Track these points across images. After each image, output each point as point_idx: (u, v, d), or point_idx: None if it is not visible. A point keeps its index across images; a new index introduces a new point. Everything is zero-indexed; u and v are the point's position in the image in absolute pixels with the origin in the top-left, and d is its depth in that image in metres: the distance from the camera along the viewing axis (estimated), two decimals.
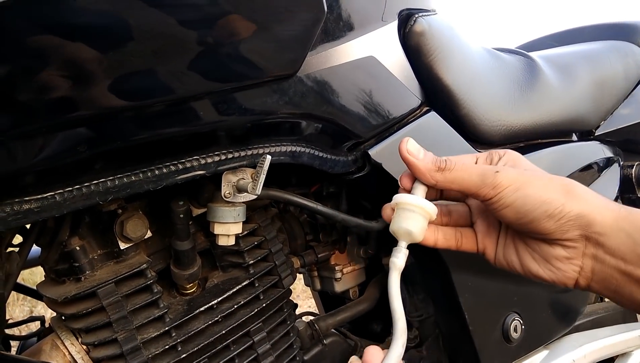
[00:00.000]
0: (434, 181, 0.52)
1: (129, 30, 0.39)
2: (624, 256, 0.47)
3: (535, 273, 0.52)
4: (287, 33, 0.48)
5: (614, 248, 0.47)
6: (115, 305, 0.53)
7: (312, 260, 0.78)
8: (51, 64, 0.36)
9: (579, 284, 0.51)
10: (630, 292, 0.48)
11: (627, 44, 1.12)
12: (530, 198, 0.48)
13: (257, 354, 0.65)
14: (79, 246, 0.53)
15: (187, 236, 0.58)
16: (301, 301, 2.70)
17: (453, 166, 0.52)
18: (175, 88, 0.43)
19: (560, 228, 0.48)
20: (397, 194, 0.54)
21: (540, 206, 0.48)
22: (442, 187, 0.53)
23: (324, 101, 0.57)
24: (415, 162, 0.52)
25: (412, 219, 0.53)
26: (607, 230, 0.47)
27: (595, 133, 1.05)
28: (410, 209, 0.53)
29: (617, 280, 0.48)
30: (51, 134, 0.40)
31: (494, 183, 0.49)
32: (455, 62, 0.75)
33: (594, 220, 0.47)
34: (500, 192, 0.49)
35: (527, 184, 0.49)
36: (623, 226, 0.47)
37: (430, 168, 0.52)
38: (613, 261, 0.48)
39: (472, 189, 0.51)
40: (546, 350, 0.95)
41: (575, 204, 0.48)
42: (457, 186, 0.52)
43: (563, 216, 0.48)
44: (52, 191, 0.43)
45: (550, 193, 0.48)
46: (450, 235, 0.57)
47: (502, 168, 0.51)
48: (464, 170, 0.51)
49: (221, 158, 0.52)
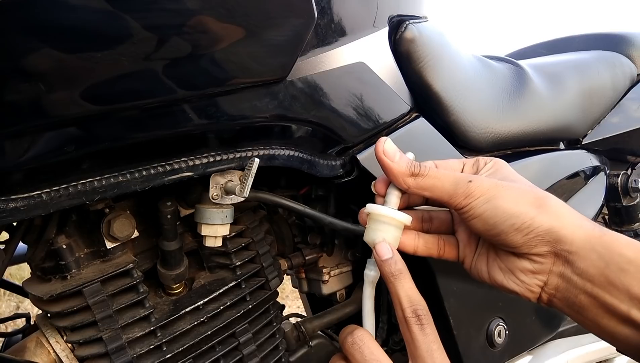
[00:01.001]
0: (406, 186, 0.51)
1: (119, 32, 0.39)
2: (592, 278, 0.45)
3: (500, 283, 0.52)
4: (277, 38, 0.49)
5: (582, 269, 0.46)
6: (100, 304, 0.53)
7: (299, 262, 0.78)
8: (39, 65, 0.36)
9: (542, 299, 0.50)
10: (594, 316, 0.46)
11: (615, 55, 1.14)
12: (499, 209, 0.47)
13: (242, 355, 0.65)
14: (66, 245, 0.53)
15: (174, 237, 0.58)
16: (290, 302, 2.71)
17: (426, 172, 0.51)
18: (164, 90, 0.43)
19: (527, 243, 0.47)
20: (369, 204, 0.54)
21: (508, 219, 0.47)
22: (414, 193, 0.52)
23: (314, 106, 0.58)
24: (389, 164, 0.51)
25: (384, 230, 0.52)
26: (578, 249, 0.46)
27: (583, 142, 1.06)
28: (382, 221, 0.52)
29: (582, 301, 0.47)
30: (39, 134, 0.40)
31: (466, 192, 0.48)
32: (445, 69, 0.76)
33: (564, 237, 0.46)
34: (471, 202, 0.48)
35: (498, 196, 0.48)
36: (595, 246, 0.45)
37: (404, 172, 0.51)
38: (580, 282, 0.46)
39: (444, 197, 0.50)
40: (530, 356, 0.96)
41: (545, 218, 0.46)
42: (428, 194, 0.51)
43: (531, 230, 0.46)
44: (39, 190, 0.43)
45: (521, 206, 0.47)
46: (431, 242, 0.57)
47: (476, 178, 0.50)
48: (437, 178, 0.50)
49: (209, 160, 0.52)
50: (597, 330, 0.48)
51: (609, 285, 0.44)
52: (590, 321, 0.47)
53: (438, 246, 0.56)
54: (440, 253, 0.57)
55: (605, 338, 0.48)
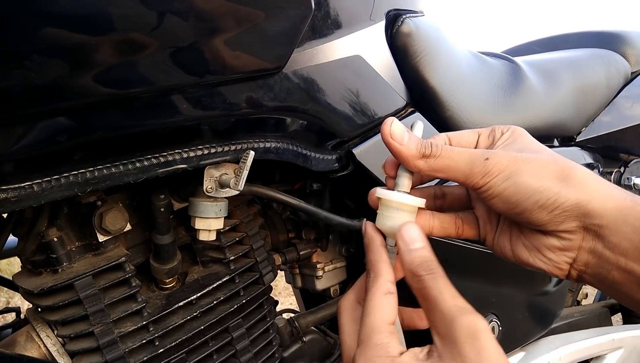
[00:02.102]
0: (417, 169, 0.47)
1: (113, 20, 0.38)
2: (626, 252, 0.42)
3: (526, 261, 0.48)
4: (274, 28, 0.48)
5: (615, 243, 0.42)
6: (92, 298, 0.53)
7: (293, 258, 0.78)
8: (32, 52, 0.36)
9: (571, 275, 0.47)
10: (628, 290, 0.43)
11: (610, 53, 1.14)
12: (520, 186, 0.43)
13: (235, 350, 0.65)
14: (57, 238, 0.52)
15: (167, 231, 0.58)
16: (282, 299, 2.70)
17: (439, 152, 0.46)
18: (159, 79, 0.42)
19: (554, 219, 0.43)
20: (380, 189, 0.50)
21: (532, 196, 0.43)
22: (427, 175, 0.48)
23: (310, 98, 0.57)
24: (398, 147, 0.46)
25: (396, 217, 0.49)
26: (609, 222, 0.42)
27: (577, 139, 1.07)
28: (395, 207, 0.49)
29: (615, 277, 0.43)
30: (30, 123, 0.39)
31: (483, 171, 0.44)
32: (441, 65, 0.75)
33: (593, 211, 0.42)
34: (490, 181, 0.44)
35: (518, 171, 0.43)
36: (627, 218, 0.42)
37: (414, 155, 0.46)
38: (613, 257, 0.43)
39: (459, 178, 0.46)
40: (522, 352, 0.96)
41: (572, 192, 0.43)
42: (443, 175, 0.47)
43: (557, 206, 0.43)
44: (30, 181, 0.42)
45: (544, 181, 0.43)
46: (448, 222, 0.52)
47: (493, 154, 0.45)
48: (450, 158, 0.46)
49: (204, 152, 0.51)
50: (633, 304, 0.45)
51: None
52: (625, 295, 0.44)
53: (456, 225, 0.52)
54: (459, 232, 0.52)
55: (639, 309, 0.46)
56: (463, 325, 0.39)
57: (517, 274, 0.91)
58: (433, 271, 0.43)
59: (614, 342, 1.07)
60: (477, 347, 0.38)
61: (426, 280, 0.43)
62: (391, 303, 0.44)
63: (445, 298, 0.41)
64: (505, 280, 0.89)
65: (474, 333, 0.39)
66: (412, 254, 0.45)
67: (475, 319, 0.40)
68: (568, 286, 1.11)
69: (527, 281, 0.94)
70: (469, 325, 0.39)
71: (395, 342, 0.42)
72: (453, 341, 0.39)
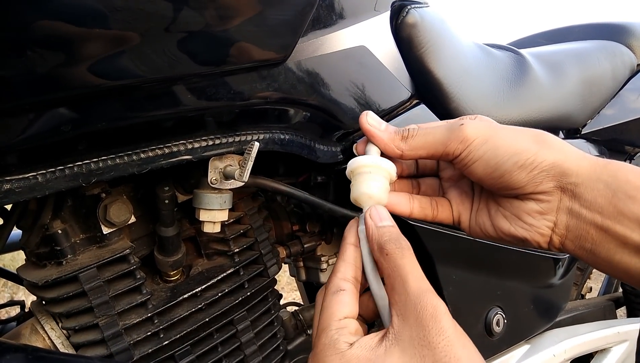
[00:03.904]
0: (400, 150, 0.49)
1: (117, 9, 0.38)
2: (601, 209, 0.44)
3: (507, 231, 0.49)
4: (278, 18, 0.48)
5: (590, 201, 0.44)
6: (97, 290, 0.53)
7: (298, 250, 0.77)
8: (35, 41, 0.35)
9: (553, 242, 0.48)
10: (606, 252, 0.45)
11: (616, 44, 1.13)
12: (500, 149, 0.45)
13: (240, 343, 0.65)
14: (61, 230, 0.52)
15: (172, 223, 0.58)
16: (286, 294, 2.70)
17: (416, 131, 0.49)
18: (163, 69, 0.42)
19: (533, 180, 0.45)
20: (350, 160, 0.50)
21: (511, 158, 0.45)
22: (410, 156, 0.49)
23: (314, 89, 0.57)
24: (378, 133, 0.49)
25: (370, 180, 0.48)
26: (584, 180, 0.44)
27: (582, 132, 1.06)
28: (367, 171, 0.49)
29: (593, 236, 0.45)
30: (34, 113, 0.39)
31: (460, 136, 0.46)
32: (446, 56, 0.75)
33: (569, 169, 0.44)
34: (469, 145, 0.46)
35: (496, 136, 0.46)
36: (600, 176, 0.44)
37: (394, 138, 0.49)
38: (589, 215, 0.44)
39: (439, 149, 0.47)
40: (527, 345, 0.96)
41: (548, 153, 0.45)
42: (425, 152, 0.48)
43: (535, 166, 0.44)
44: (34, 172, 0.42)
45: (522, 143, 0.45)
46: (425, 203, 0.53)
47: (468, 120, 0.47)
48: (427, 133, 0.48)
49: (208, 144, 0.51)
50: (611, 268, 0.46)
51: (619, 215, 0.43)
52: (603, 259, 0.45)
53: (432, 206, 0.53)
54: (434, 214, 0.54)
55: (620, 276, 0.46)
56: (427, 307, 0.39)
57: (522, 267, 0.91)
58: (402, 247, 0.43)
59: (619, 335, 1.07)
60: (438, 328, 0.38)
61: (394, 257, 0.43)
62: (340, 300, 0.44)
63: (412, 278, 0.41)
64: (510, 273, 0.89)
65: (436, 315, 0.39)
66: (381, 230, 0.45)
67: (437, 302, 0.40)
68: (572, 279, 1.10)
69: (532, 274, 0.94)
70: (432, 308, 0.39)
71: (344, 336, 0.41)
72: (414, 321, 0.39)
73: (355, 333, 0.42)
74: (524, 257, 0.90)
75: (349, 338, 0.41)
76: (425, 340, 0.38)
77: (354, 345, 0.41)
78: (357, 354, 0.40)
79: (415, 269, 0.42)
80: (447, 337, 0.38)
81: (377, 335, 0.41)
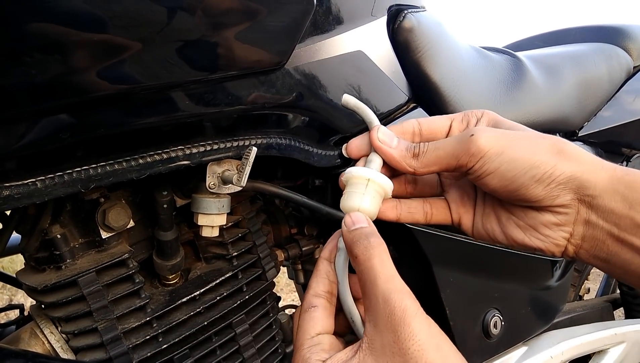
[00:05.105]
0: (412, 168, 0.47)
1: (115, 16, 0.38)
2: (618, 221, 0.43)
3: (521, 242, 0.47)
4: (276, 24, 0.48)
5: (607, 212, 0.43)
6: (95, 294, 0.53)
7: (296, 253, 0.78)
8: (34, 49, 0.36)
9: (567, 252, 0.46)
10: (622, 261, 0.44)
11: (612, 47, 1.13)
12: (516, 162, 0.43)
13: (239, 346, 0.65)
14: (60, 234, 0.53)
15: (170, 227, 0.58)
16: (284, 295, 2.70)
17: (427, 148, 0.47)
18: (161, 75, 0.42)
19: (550, 193, 0.43)
20: (348, 168, 0.49)
21: (528, 171, 0.42)
22: (422, 173, 0.48)
23: (312, 94, 0.57)
24: (389, 151, 0.47)
25: (362, 195, 0.47)
26: (602, 192, 0.43)
27: (579, 134, 1.06)
28: (362, 184, 0.47)
29: (609, 247, 0.44)
30: (33, 120, 0.39)
31: (472, 148, 0.44)
32: (443, 60, 0.75)
33: (587, 182, 0.43)
34: (482, 157, 0.43)
35: (512, 146, 0.43)
36: (618, 187, 0.42)
37: (405, 155, 0.47)
38: (606, 226, 0.43)
39: (452, 163, 0.45)
40: (525, 347, 0.96)
41: (566, 165, 0.43)
42: (437, 167, 0.47)
43: (553, 179, 0.43)
44: (34, 178, 0.42)
45: (540, 155, 0.43)
46: (416, 208, 0.51)
47: (479, 130, 0.45)
48: (437, 148, 0.46)
49: (206, 149, 0.51)
50: (626, 276, 0.45)
51: (635, 227, 0.42)
52: (619, 268, 0.45)
53: (424, 211, 0.51)
54: (428, 218, 0.52)
55: (633, 283, 0.46)
56: (395, 308, 0.38)
57: (519, 269, 0.92)
58: (371, 246, 0.42)
59: (617, 337, 1.07)
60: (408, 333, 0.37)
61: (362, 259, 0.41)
62: (312, 317, 0.43)
63: (381, 279, 0.40)
64: (507, 275, 0.89)
65: (405, 319, 0.38)
66: (352, 233, 0.44)
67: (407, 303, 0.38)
68: (570, 281, 1.11)
69: (530, 276, 0.94)
70: (401, 309, 0.38)
71: (316, 353, 0.41)
72: (385, 328, 0.38)
73: (329, 349, 0.42)
74: (521, 259, 0.90)
75: (321, 355, 0.41)
76: (395, 346, 0.37)
77: (326, 362, 0.40)
78: None
79: (385, 268, 0.41)
80: (418, 341, 0.37)
81: (352, 348, 0.40)
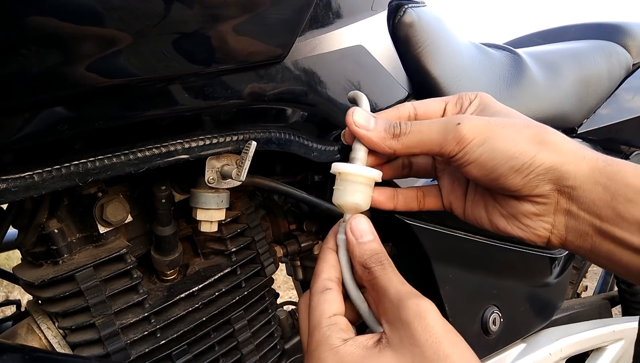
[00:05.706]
0: (392, 150, 0.46)
1: (113, 7, 0.38)
2: (600, 212, 0.42)
3: (504, 229, 0.48)
4: (276, 17, 0.47)
5: (588, 204, 0.42)
6: (93, 290, 0.52)
7: (295, 249, 0.77)
8: (31, 40, 0.35)
9: (552, 242, 0.46)
10: (606, 251, 0.43)
11: (611, 44, 1.13)
12: (497, 151, 0.43)
13: (237, 342, 0.65)
14: (58, 229, 0.52)
15: (168, 222, 0.57)
16: (282, 292, 2.70)
17: (409, 128, 0.46)
18: (160, 68, 0.42)
19: (528, 184, 0.43)
20: (335, 163, 0.48)
21: (507, 161, 0.43)
22: (402, 154, 0.47)
23: (311, 89, 0.57)
24: (366, 134, 0.46)
25: (355, 190, 0.47)
26: (582, 183, 0.42)
27: (578, 131, 1.06)
28: (352, 180, 0.47)
29: (593, 237, 0.43)
30: (31, 112, 0.39)
31: (456, 137, 0.43)
32: (443, 55, 0.75)
33: (566, 173, 0.43)
34: (465, 147, 0.43)
35: (493, 136, 0.43)
36: (599, 178, 0.42)
37: (384, 137, 0.46)
38: (588, 218, 0.43)
39: (434, 148, 0.45)
40: (523, 344, 0.96)
41: (546, 155, 0.43)
42: (418, 150, 0.46)
43: (532, 170, 0.43)
44: (31, 171, 0.42)
45: (520, 145, 0.43)
46: (410, 197, 0.52)
47: (465, 118, 0.44)
48: (421, 130, 0.45)
49: (205, 143, 0.51)
50: (612, 265, 0.45)
51: (618, 218, 0.42)
52: (604, 258, 0.44)
53: (417, 199, 0.52)
54: (421, 206, 0.53)
55: (620, 272, 0.45)
56: (409, 307, 0.39)
57: (518, 266, 0.91)
58: (382, 263, 0.44)
59: (615, 334, 1.07)
60: (424, 325, 0.38)
61: (375, 271, 0.43)
62: (329, 298, 0.44)
63: (393, 285, 0.42)
64: (506, 272, 0.89)
65: (420, 313, 0.39)
66: (362, 247, 0.45)
67: (421, 301, 0.40)
68: (569, 278, 1.11)
69: (528, 273, 0.94)
70: (415, 307, 0.39)
71: (336, 332, 0.42)
72: (401, 324, 0.39)
73: (346, 329, 0.43)
74: (520, 256, 0.90)
75: (341, 334, 0.41)
76: (413, 338, 0.38)
77: (347, 341, 0.41)
78: (351, 351, 0.40)
79: (395, 278, 0.43)
80: (434, 334, 0.38)
81: (373, 337, 0.41)
